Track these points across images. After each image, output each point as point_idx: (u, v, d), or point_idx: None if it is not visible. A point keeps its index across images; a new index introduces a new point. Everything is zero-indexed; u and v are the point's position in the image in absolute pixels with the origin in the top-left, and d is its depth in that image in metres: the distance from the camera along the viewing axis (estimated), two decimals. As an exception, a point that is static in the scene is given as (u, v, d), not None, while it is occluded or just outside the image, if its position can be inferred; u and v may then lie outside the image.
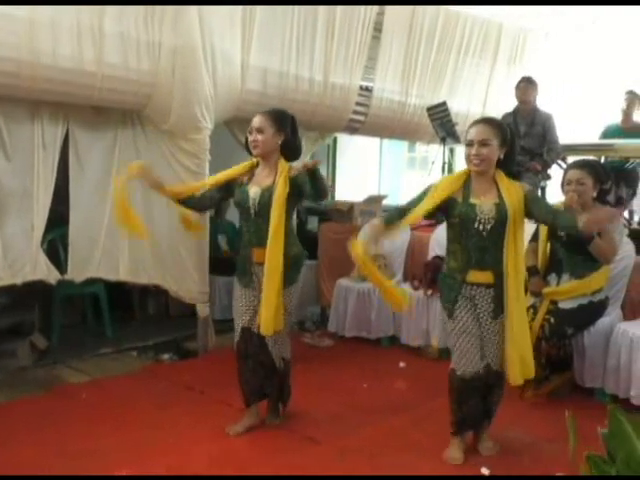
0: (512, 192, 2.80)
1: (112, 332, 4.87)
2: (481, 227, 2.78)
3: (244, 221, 3.17)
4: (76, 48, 3.67)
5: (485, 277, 2.83)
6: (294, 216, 3.56)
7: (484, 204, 2.79)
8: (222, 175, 3.21)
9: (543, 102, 5.62)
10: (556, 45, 6.93)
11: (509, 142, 2.83)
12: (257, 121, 3.08)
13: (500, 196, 2.79)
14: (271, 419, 3.31)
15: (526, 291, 3.67)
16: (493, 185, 2.84)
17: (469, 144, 2.81)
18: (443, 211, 2.88)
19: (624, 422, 1.32)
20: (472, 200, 2.81)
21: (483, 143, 2.77)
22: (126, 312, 5.36)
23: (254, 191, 3.09)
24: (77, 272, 4.31)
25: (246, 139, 3.18)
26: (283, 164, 3.11)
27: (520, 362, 2.81)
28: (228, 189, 3.21)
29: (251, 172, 3.18)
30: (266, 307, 3.02)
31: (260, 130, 3.07)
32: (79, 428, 3.24)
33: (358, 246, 2.77)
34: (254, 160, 3.20)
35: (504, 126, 2.88)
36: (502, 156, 2.82)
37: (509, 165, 2.89)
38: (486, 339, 2.86)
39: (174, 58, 4.04)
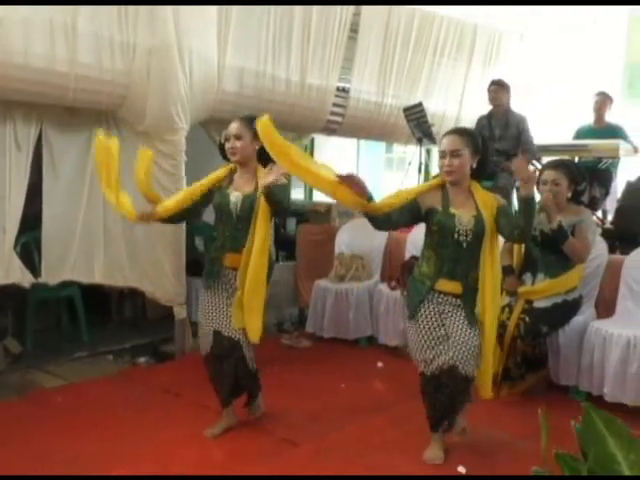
0: (487, 204, 2.84)
1: (88, 336, 4.81)
2: (460, 238, 2.80)
3: (221, 224, 3.15)
4: (49, 48, 3.63)
5: (453, 287, 2.85)
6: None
7: (463, 215, 2.81)
8: (206, 184, 3.15)
9: (518, 103, 5.67)
10: (531, 46, 7.01)
11: (481, 151, 2.86)
12: (235, 128, 3.08)
13: (477, 208, 2.83)
14: (255, 412, 3.35)
15: (501, 291, 3.72)
16: (470, 196, 2.87)
17: (442, 155, 2.85)
18: (424, 219, 2.89)
19: (597, 420, 1.33)
20: (452, 210, 2.84)
21: (455, 154, 2.80)
22: (102, 315, 5.29)
23: (235, 196, 3.08)
24: (51, 275, 4.25)
25: (221, 144, 3.17)
26: (262, 171, 3.12)
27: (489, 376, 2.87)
28: (211, 196, 3.18)
29: (230, 176, 3.17)
30: (254, 317, 3.04)
31: (238, 137, 3.06)
32: (55, 433, 3.20)
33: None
34: (232, 165, 3.19)
35: (476, 135, 2.93)
36: (475, 165, 2.86)
37: (482, 174, 2.94)
38: (456, 344, 2.82)
39: (149, 58, 4.01)
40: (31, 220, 4.18)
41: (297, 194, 6.66)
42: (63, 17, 3.66)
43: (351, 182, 2.62)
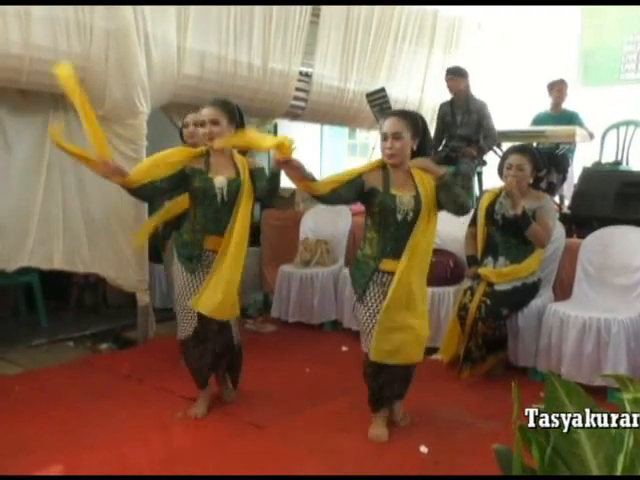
0: (426, 184, 2.91)
1: (47, 322, 4.73)
2: (400, 218, 2.86)
3: (202, 208, 3.11)
4: (1, 30, 3.50)
5: (397, 266, 2.89)
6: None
7: (404, 196, 2.87)
8: (177, 164, 3.04)
9: (478, 90, 5.73)
10: (489, 34, 7.09)
11: (421, 133, 2.91)
12: (210, 113, 3.06)
13: (416, 188, 2.89)
14: (228, 394, 3.39)
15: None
16: (409, 177, 2.93)
17: (383, 138, 2.88)
18: (364, 200, 2.93)
19: (559, 388, 1.37)
20: (392, 191, 2.89)
21: (396, 136, 2.85)
22: (63, 302, 5.20)
23: (220, 180, 3.08)
24: (8, 262, 4.14)
25: (180, 129, 3.14)
26: (239, 156, 3.15)
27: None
28: (183, 177, 3.06)
29: (206, 160, 3.13)
30: (226, 293, 3.06)
31: (215, 122, 3.05)
32: (11, 422, 3.13)
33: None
34: (204, 149, 3.16)
35: (416, 118, 2.94)
36: (415, 147, 2.91)
37: (422, 155, 2.97)
38: None
39: (107, 41, 3.91)
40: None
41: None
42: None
43: (291, 168, 2.76)
